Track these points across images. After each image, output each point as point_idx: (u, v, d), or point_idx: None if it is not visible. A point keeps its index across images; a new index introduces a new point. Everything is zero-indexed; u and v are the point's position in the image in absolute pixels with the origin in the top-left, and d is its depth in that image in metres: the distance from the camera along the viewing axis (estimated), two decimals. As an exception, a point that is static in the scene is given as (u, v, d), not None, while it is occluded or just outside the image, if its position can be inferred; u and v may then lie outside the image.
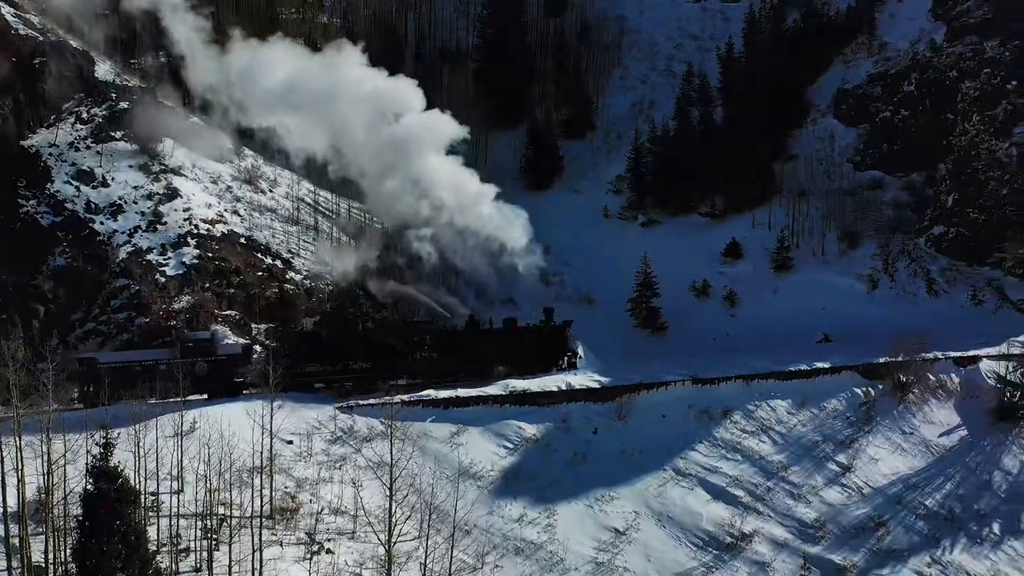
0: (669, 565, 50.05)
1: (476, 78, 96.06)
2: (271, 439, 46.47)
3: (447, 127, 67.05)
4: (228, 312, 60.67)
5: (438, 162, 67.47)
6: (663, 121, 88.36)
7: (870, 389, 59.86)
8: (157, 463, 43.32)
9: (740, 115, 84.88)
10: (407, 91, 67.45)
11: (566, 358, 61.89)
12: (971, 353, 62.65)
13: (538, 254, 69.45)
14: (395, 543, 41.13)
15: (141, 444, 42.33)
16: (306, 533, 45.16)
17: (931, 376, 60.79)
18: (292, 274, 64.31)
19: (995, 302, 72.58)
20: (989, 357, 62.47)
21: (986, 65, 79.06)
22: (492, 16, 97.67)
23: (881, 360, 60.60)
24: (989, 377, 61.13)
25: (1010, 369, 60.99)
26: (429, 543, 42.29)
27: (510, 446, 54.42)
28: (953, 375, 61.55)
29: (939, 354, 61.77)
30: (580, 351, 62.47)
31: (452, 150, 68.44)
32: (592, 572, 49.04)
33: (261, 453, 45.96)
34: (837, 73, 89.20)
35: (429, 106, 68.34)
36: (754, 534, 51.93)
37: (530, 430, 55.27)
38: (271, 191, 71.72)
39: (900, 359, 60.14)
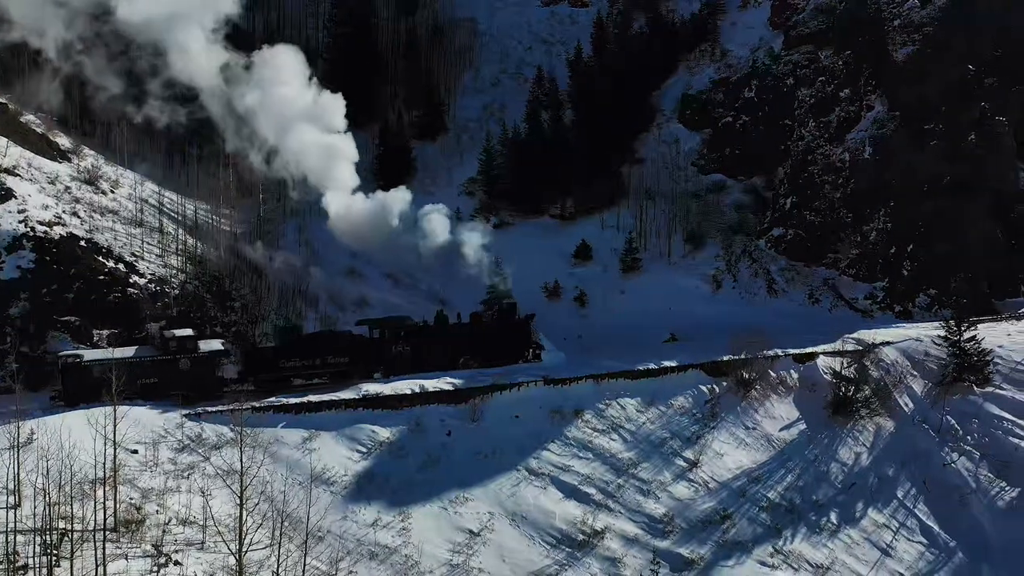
0: (523, 564, 50.55)
1: (326, 78, 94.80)
2: (115, 449, 44.96)
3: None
4: (68, 318, 58.38)
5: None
6: (514, 124, 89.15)
7: (715, 386, 61.72)
8: (-9, 477, 41.52)
9: (589, 119, 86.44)
10: None
11: (530, 351, 64.14)
12: (808, 350, 65.21)
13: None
14: (246, 552, 40.37)
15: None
16: (152, 545, 43.86)
17: (772, 373, 63.06)
18: (136, 278, 62.23)
19: (831, 300, 75.94)
20: (825, 353, 65.15)
21: (821, 74, 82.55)
22: (342, 15, 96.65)
23: (725, 358, 62.52)
24: (826, 373, 63.76)
25: (845, 364, 63.73)
26: (281, 551, 41.63)
27: (363, 450, 54.05)
28: (792, 371, 63.97)
29: (779, 351, 64.05)
30: (544, 344, 64.59)
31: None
32: (447, 574, 49.16)
33: (104, 464, 44.43)
34: (682, 79, 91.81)
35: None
36: (605, 531, 52.91)
37: (384, 434, 54.99)
38: (113, 192, 69.31)
39: (743, 357, 62.22)
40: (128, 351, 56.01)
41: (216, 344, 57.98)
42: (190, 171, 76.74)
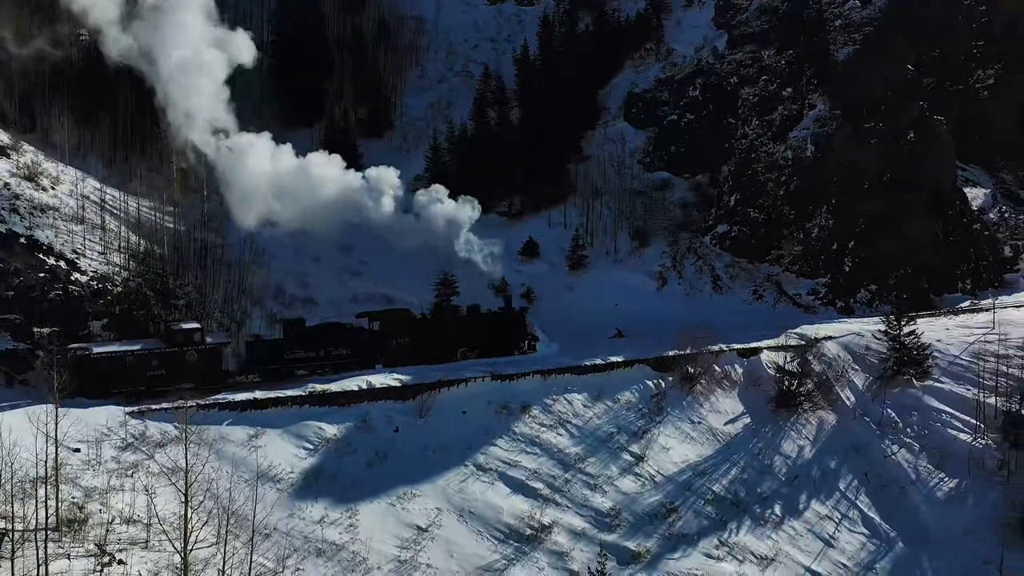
0: (471, 559, 50.63)
1: (271, 75, 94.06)
2: (56, 447, 44.28)
3: None
4: (7, 315, 57.40)
5: None
6: (461, 121, 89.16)
7: (661, 381, 62.28)
8: (-71, 477, 40.73)
9: (536, 117, 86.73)
10: None
11: (526, 342, 65.51)
12: (752, 345, 66.09)
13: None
14: (192, 550, 40.02)
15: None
16: (96, 544, 43.32)
17: (717, 367, 63.78)
18: (77, 275, 61.35)
19: (774, 296, 76.94)
20: (769, 348, 66.07)
21: (764, 73, 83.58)
22: (288, 12, 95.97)
23: (671, 353, 63.16)
24: (769, 367, 64.62)
25: (788, 359, 64.66)
26: (227, 548, 41.34)
27: (310, 447, 53.77)
28: (737, 366, 64.74)
29: (724, 346, 64.86)
30: (539, 336, 65.95)
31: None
32: (395, 570, 49.06)
33: (45, 462, 43.73)
34: (627, 77, 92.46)
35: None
36: (553, 525, 53.16)
37: (331, 430, 54.75)
38: (53, 188, 68.17)
39: (688, 352, 62.86)
40: (135, 344, 57.03)
41: (221, 336, 59.28)
42: (132, 167, 75.65)
